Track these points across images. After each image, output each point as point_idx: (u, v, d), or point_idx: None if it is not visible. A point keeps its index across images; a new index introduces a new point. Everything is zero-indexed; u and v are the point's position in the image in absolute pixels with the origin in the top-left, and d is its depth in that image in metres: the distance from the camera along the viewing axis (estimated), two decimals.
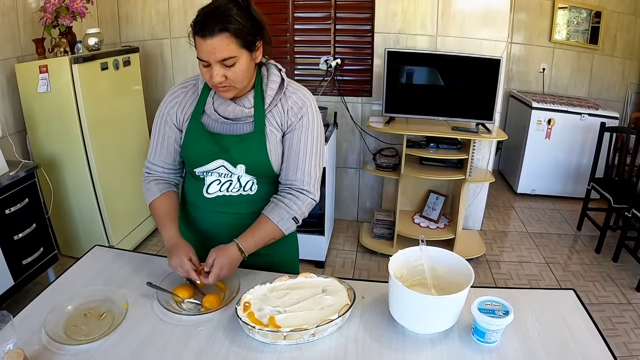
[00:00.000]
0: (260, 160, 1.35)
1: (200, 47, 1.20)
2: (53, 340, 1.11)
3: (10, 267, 2.44)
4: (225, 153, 1.35)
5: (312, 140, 1.38)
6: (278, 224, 1.35)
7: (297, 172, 1.38)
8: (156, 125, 1.44)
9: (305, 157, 1.38)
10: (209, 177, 1.39)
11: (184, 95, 1.40)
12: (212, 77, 1.23)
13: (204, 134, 1.36)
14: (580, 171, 4.29)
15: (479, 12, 3.25)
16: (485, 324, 1.12)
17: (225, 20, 1.17)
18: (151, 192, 1.44)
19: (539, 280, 3.14)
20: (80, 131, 2.79)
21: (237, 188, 1.40)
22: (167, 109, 1.41)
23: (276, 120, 1.36)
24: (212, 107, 1.35)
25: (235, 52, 1.20)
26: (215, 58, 1.19)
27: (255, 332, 1.13)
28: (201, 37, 1.18)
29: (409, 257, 1.29)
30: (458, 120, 3.20)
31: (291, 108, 1.36)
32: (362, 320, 1.24)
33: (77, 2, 2.76)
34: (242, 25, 1.19)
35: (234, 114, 1.33)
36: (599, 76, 4.78)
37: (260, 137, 1.34)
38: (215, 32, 1.17)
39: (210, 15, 1.18)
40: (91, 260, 1.52)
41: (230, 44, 1.19)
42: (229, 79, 1.23)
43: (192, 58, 3.64)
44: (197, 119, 1.37)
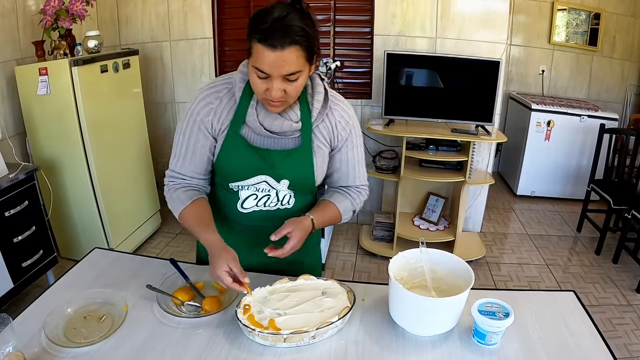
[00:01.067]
0: (306, 176, 1.31)
1: (263, 57, 1.07)
2: (53, 342, 1.11)
3: (10, 269, 2.44)
4: (269, 169, 1.28)
5: (360, 146, 1.39)
6: (342, 214, 1.39)
7: (355, 179, 1.41)
8: (185, 133, 1.30)
9: (358, 164, 1.40)
10: (244, 191, 1.32)
11: (219, 102, 1.26)
12: (269, 90, 1.12)
13: (246, 149, 1.26)
14: (580, 173, 4.29)
15: (478, 14, 3.25)
16: (485, 325, 1.12)
17: (297, 30, 1.07)
18: (179, 201, 1.30)
19: (539, 282, 3.14)
20: (80, 134, 2.78)
21: (275, 202, 1.35)
22: (201, 116, 1.27)
23: (323, 135, 1.31)
24: (256, 120, 1.23)
25: (301, 67, 1.11)
26: (280, 72, 1.09)
27: (255, 334, 1.13)
28: (269, 47, 1.06)
29: (409, 259, 1.29)
30: (458, 122, 3.20)
31: (339, 122, 1.31)
32: (362, 322, 1.24)
33: (77, 4, 2.76)
34: (310, 36, 1.10)
35: (282, 128, 1.24)
36: (598, 78, 4.78)
37: (308, 152, 1.28)
38: (286, 44, 1.06)
39: (281, 23, 1.06)
40: (91, 262, 1.51)
41: (299, 57, 1.09)
42: (286, 94, 1.14)
43: (191, 61, 3.68)
44: (236, 131, 1.26)
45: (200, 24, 3.56)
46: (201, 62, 3.66)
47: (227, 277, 1.16)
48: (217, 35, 3.58)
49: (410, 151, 3.14)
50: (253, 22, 1.09)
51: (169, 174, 1.36)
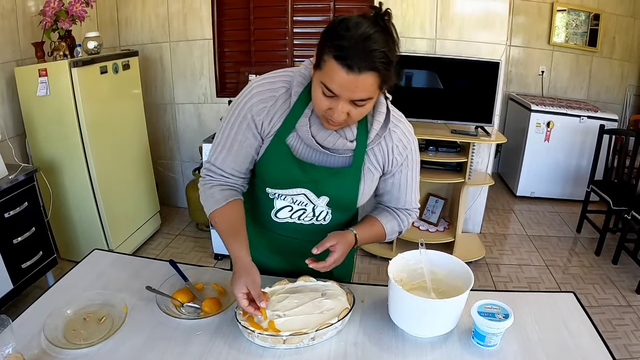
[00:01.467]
0: (348, 197, 1.23)
1: (336, 76, 0.98)
2: (52, 344, 1.11)
3: (10, 270, 2.44)
4: (311, 184, 1.21)
5: (416, 171, 1.30)
6: (387, 233, 1.34)
7: (406, 202, 1.34)
8: (232, 127, 1.20)
9: (411, 189, 1.32)
10: (279, 200, 1.26)
11: (274, 102, 1.17)
12: (332, 110, 1.04)
13: (289, 159, 1.19)
14: (580, 174, 4.29)
15: (478, 15, 3.25)
16: (485, 327, 1.12)
17: (378, 56, 0.96)
18: (214, 200, 1.23)
19: (539, 283, 3.14)
20: (80, 135, 2.78)
21: (310, 217, 1.29)
22: (252, 113, 1.17)
23: (377, 158, 1.23)
24: (308, 132, 1.15)
25: (373, 93, 1.02)
26: (350, 96, 1.01)
27: (254, 336, 1.13)
28: (345, 67, 0.96)
29: (408, 261, 1.29)
30: (457, 124, 3.20)
31: (396, 146, 1.22)
32: (361, 324, 1.24)
33: (77, 5, 2.76)
34: (390, 62, 0.99)
35: (334, 145, 1.16)
36: (597, 79, 4.79)
37: (356, 174, 1.21)
38: (364, 69, 0.96)
39: (364, 45, 0.95)
40: (90, 264, 1.51)
41: (373, 84, 1.00)
42: (349, 117, 1.06)
43: (191, 62, 3.68)
44: (282, 138, 1.18)
45: (200, 25, 3.56)
46: (201, 63, 3.66)
47: (244, 300, 1.12)
48: (216, 37, 3.58)
49: None
50: (332, 32, 0.99)
51: (208, 167, 1.26)
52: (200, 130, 3.83)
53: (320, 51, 1.01)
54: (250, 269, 1.16)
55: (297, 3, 3.43)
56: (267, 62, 3.59)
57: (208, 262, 3.26)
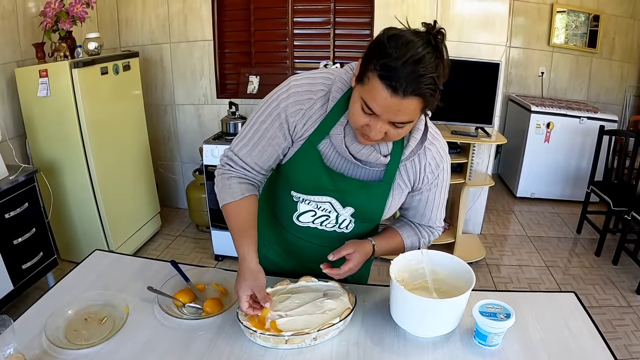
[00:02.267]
0: (374, 210, 1.22)
1: (378, 96, 0.94)
2: (53, 344, 1.11)
3: (10, 271, 2.44)
4: (338, 193, 1.19)
5: (445, 190, 1.27)
6: (406, 248, 1.33)
7: (431, 219, 1.32)
8: (264, 121, 1.16)
9: (437, 207, 1.29)
10: (304, 204, 1.24)
11: (311, 104, 1.13)
12: (369, 128, 1.00)
13: (319, 166, 1.16)
14: (580, 174, 4.29)
15: (477, 17, 3.26)
16: (486, 327, 1.12)
17: (426, 82, 0.92)
18: (230, 192, 1.21)
19: (539, 284, 3.14)
20: (80, 135, 2.79)
21: (332, 224, 1.27)
22: (287, 113, 1.13)
23: (408, 175, 1.19)
24: (342, 141, 1.11)
25: (415, 117, 0.99)
26: (389, 118, 0.97)
27: (256, 336, 1.13)
28: (390, 89, 0.92)
29: (409, 261, 1.29)
30: (457, 124, 3.20)
31: (429, 164, 1.18)
32: (363, 324, 1.24)
33: (77, 6, 2.77)
34: (439, 90, 0.97)
35: (367, 158, 1.13)
36: (597, 79, 4.79)
37: (386, 189, 1.18)
38: (408, 94, 0.92)
39: (410, 67, 0.90)
40: (91, 264, 1.51)
41: (416, 109, 0.97)
42: (387, 136, 1.03)
43: (191, 63, 3.68)
44: (314, 143, 1.14)
45: (200, 26, 3.56)
46: (201, 64, 3.66)
47: (246, 302, 1.12)
48: (217, 38, 3.58)
49: None
50: (381, 48, 0.93)
51: (230, 156, 1.22)
52: (200, 131, 3.83)
53: (365, 65, 0.96)
54: (257, 273, 1.15)
55: (297, 4, 3.43)
56: (268, 63, 3.59)
57: (208, 263, 3.26)
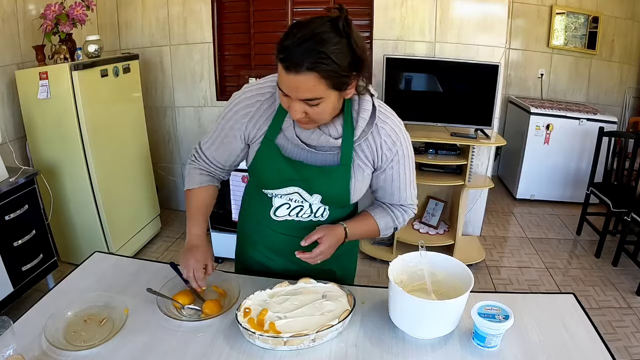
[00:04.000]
0: (341, 193, 1.25)
1: (280, 76, 1.02)
2: (53, 346, 1.11)
3: (10, 273, 2.44)
4: (302, 182, 1.24)
5: (409, 166, 1.30)
6: (381, 229, 1.36)
7: (401, 199, 1.35)
8: (221, 124, 1.27)
9: (405, 182, 1.32)
10: (277, 199, 1.30)
11: (259, 106, 1.21)
12: (291, 110, 1.07)
13: (279, 158, 1.22)
14: (579, 176, 4.29)
15: (477, 19, 3.26)
16: (485, 328, 1.12)
17: (317, 57, 0.96)
18: (191, 180, 1.36)
19: (539, 286, 3.14)
20: (80, 138, 2.79)
21: (308, 214, 1.31)
22: (238, 116, 1.23)
23: (366, 154, 1.23)
24: (293, 131, 1.19)
25: (321, 94, 1.02)
26: (297, 96, 1.03)
27: (255, 337, 1.13)
28: (284, 67, 0.99)
29: (408, 263, 1.30)
30: (457, 126, 3.20)
31: (384, 142, 1.22)
32: (362, 325, 1.24)
33: (77, 9, 2.77)
34: (336, 65, 0.98)
35: (318, 142, 1.18)
36: (597, 81, 4.79)
37: (346, 171, 1.22)
38: (301, 69, 0.97)
39: (303, 44, 0.96)
40: (91, 266, 1.52)
41: (317, 85, 1.00)
42: (309, 116, 1.08)
43: (191, 65, 3.69)
44: (271, 139, 1.22)
45: (200, 29, 3.57)
46: (201, 66, 3.67)
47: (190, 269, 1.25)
48: (217, 40, 3.58)
49: None
50: (283, 36, 1.01)
51: (196, 149, 1.37)
52: (200, 133, 3.83)
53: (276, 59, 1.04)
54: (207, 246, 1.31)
55: (297, 7, 3.44)
56: (268, 65, 3.59)
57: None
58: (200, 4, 3.50)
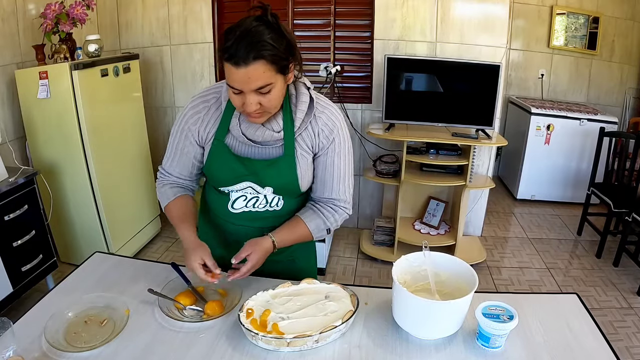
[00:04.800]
0: (290, 182, 1.32)
1: (231, 75, 1.10)
2: (53, 347, 1.10)
3: (9, 273, 2.43)
4: (253, 176, 1.31)
5: (345, 159, 1.37)
6: (312, 232, 1.39)
7: (333, 192, 1.39)
8: (175, 137, 1.38)
9: (340, 176, 1.37)
10: (234, 193, 1.36)
11: (206, 111, 1.31)
12: (244, 105, 1.15)
13: (230, 157, 1.30)
14: (580, 176, 4.29)
15: (478, 19, 3.26)
16: (489, 328, 1.11)
17: (260, 46, 1.07)
18: (165, 196, 1.41)
19: (540, 286, 3.14)
20: (80, 138, 2.78)
21: (264, 204, 1.37)
22: (189, 124, 1.33)
23: (306, 143, 1.31)
24: (239, 130, 1.27)
25: (271, 79, 1.12)
26: (250, 87, 1.11)
27: (258, 338, 1.12)
28: (234, 64, 1.08)
29: (412, 263, 1.29)
30: (458, 127, 3.20)
31: (322, 130, 1.31)
32: (365, 326, 1.23)
33: (78, 8, 2.76)
34: (276, 49, 1.09)
35: (263, 138, 1.27)
36: (597, 81, 4.79)
37: (291, 161, 1.30)
38: (249, 60, 1.07)
39: (243, 40, 1.07)
40: (91, 266, 1.51)
41: (266, 72, 1.10)
42: (263, 106, 1.16)
43: (191, 65, 3.68)
44: (221, 140, 1.30)
45: (200, 29, 3.56)
46: (201, 66, 3.66)
47: (201, 269, 1.24)
48: (217, 40, 3.58)
49: (411, 155, 3.14)
50: (221, 40, 1.11)
51: (160, 170, 1.45)
52: None
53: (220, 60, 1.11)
54: (201, 244, 1.30)
55: (297, 6, 3.44)
56: None
57: None
58: (201, 4, 3.50)
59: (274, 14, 1.12)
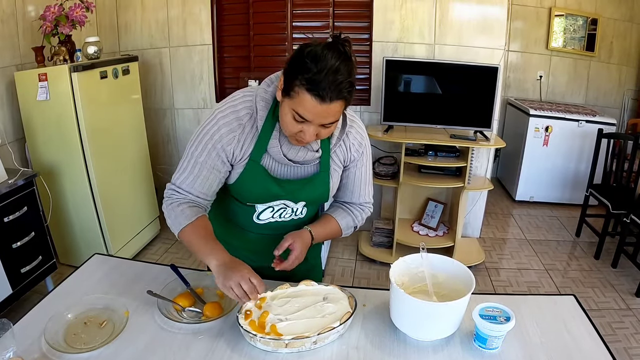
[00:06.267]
0: (322, 196, 1.35)
1: (308, 106, 1.07)
2: (53, 348, 1.11)
3: (9, 275, 2.43)
4: (289, 195, 1.31)
5: (369, 165, 1.42)
6: (343, 229, 1.44)
7: (361, 196, 1.44)
8: (202, 153, 1.24)
9: (366, 182, 1.43)
10: (261, 205, 1.35)
11: (241, 130, 1.22)
12: (303, 133, 1.13)
13: (266, 178, 1.27)
14: (579, 178, 4.30)
15: (476, 21, 3.27)
16: (486, 330, 1.12)
17: (345, 86, 1.06)
18: (185, 216, 1.25)
19: (539, 287, 3.14)
20: (80, 139, 2.78)
21: (290, 214, 1.38)
22: (222, 143, 1.22)
23: (339, 158, 1.34)
24: (280, 152, 1.23)
25: (339, 116, 1.14)
26: (322, 122, 1.11)
27: (256, 340, 1.13)
28: (318, 98, 1.05)
29: (409, 265, 1.29)
30: (456, 128, 3.21)
31: (352, 144, 1.33)
32: (363, 327, 1.24)
33: (77, 10, 2.77)
34: (354, 88, 1.10)
35: (304, 158, 1.27)
36: (595, 83, 4.81)
37: (325, 176, 1.32)
38: (333, 99, 1.06)
39: (331, 77, 1.04)
40: (91, 268, 1.51)
41: (340, 109, 1.11)
42: (319, 135, 1.16)
43: (190, 67, 3.69)
44: (257, 161, 1.25)
45: (199, 31, 3.57)
46: (200, 68, 3.67)
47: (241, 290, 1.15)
48: (216, 42, 3.59)
49: (409, 157, 3.14)
50: (302, 64, 1.06)
51: (172, 188, 1.30)
52: None
53: (289, 80, 1.09)
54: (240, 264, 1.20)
55: (296, 8, 3.44)
56: (267, 67, 3.60)
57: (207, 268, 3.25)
58: (200, 6, 3.50)
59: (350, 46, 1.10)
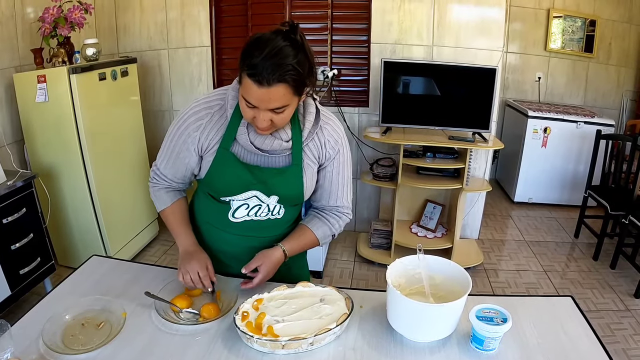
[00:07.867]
0: (296, 192, 1.34)
1: (251, 91, 1.10)
2: (51, 349, 1.11)
3: (7, 277, 2.43)
4: (260, 184, 1.30)
5: (347, 168, 1.41)
6: (320, 239, 1.43)
7: (338, 199, 1.43)
8: (172, 140, 1.32)
9: (344, 184, 1.42)
10: (235, 202, 1.34)
11: (209, 118, 1.27)
12: (256, 119, 1.15)
13: (237, 165, 1.28)
14: (577, 179, 4.30)
15: (474, 22, 3.27)
16: (483, 331, 1.12)
17: (285, 69, 1.06)
18: (162, 200, 1.42)
19: (537, 288, 3.14)
20: (78, 141, 2.79)
21: (266, 212, 1.37)
22: (189, 130, 1.28)
23: (313, 154, 1.33)
24: (247, 139, 1.25)
25: (288, 101, 1.13)
26: (267, 107, 1.12)
27: (253, 341, 1.13)
28: (255, 82, 1.07)
29: (406, 266, 1.30)
30: (455, 130, 3.21)
31: (328, 141, 1.33)
32: (360, 329, 1.24)
33: (76, 12, 2.77)
34: (300, 74, 1.09)
35: (272, 147, 1.26)
36: (594, 84, 4.82)
37: (298, 170, 1.31)
38: (272, 82, 1.07)
39: (269, 61, 1.06)
40: (89, 269, 1.51)
41: (286, 94, 1.10)
42: (274, 123, 1.17)
43: (189, 69, 3.69)
44: (227, 148, 1.27)
45: (198, 32, 3.58)
46: (199, 70, 3.67)
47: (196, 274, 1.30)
48: (215, 44, 3.59)
49: (408, 159, 3.15)
50: (245, 52, 1.10)
51: (153, 169, 1.42)
52: None
53: (239, 69, 1.12)
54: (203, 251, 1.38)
55: (295, 10, 3.45)
56: None
57: None
58: (199, 8, 3.51)
59: (302, 34, 1.12)
